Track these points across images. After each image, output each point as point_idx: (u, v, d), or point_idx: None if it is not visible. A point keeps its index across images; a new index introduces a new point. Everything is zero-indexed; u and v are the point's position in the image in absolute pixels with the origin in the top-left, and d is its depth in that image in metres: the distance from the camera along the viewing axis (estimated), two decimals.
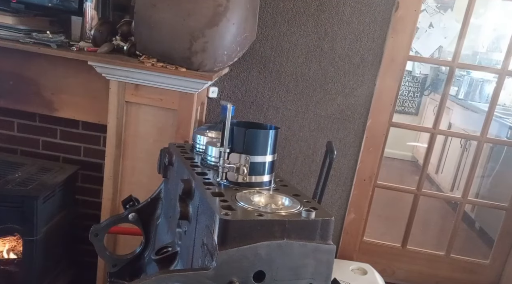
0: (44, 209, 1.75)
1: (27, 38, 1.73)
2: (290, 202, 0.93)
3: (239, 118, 2.25)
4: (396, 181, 3.08)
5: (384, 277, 2.26)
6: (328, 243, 0.87)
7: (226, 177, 0.99)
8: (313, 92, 2.23)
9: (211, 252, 0.82)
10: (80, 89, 1.85)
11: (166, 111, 1.76)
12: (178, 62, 1.68)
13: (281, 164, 2.32)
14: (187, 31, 1.62)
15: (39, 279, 1.82)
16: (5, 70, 1.83)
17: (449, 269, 2.54)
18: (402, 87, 5.13)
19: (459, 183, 3.82)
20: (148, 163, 1.80)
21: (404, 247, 2.53)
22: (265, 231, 0.82)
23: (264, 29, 2.17)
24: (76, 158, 2.12)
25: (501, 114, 3.63)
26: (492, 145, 3.37)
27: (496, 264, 2.54)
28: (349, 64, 2.19)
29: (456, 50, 2.28)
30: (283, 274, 0.84)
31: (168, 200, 1.28)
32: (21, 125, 2.08)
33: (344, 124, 2.27)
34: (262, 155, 1.00)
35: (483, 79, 4.38)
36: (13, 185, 1.74)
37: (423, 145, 4.55)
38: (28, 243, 1.73)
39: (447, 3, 4.94)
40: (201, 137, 1.23)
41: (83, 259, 2.11)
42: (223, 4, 1.63)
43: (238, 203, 0.88)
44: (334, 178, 2.33)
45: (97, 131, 2.05)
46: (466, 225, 3.47)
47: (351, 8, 2.12)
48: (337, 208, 2.38)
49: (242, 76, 2.23)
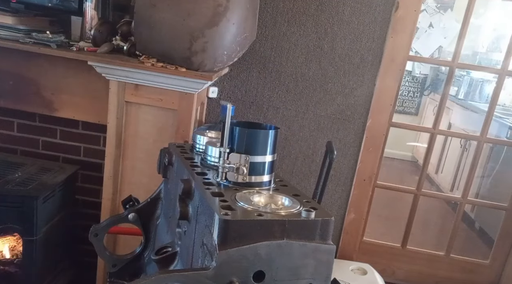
0: (44, 209, 1.76)
1: (27, 38, 1.73)
2: (290, 202, 0.93)
3: (239, 118, 2.25)
4: (396, 181, 3.08)
5: (384, 277, 2.26)
6: (328, 243, 0.87)
7: (226, 177, 0.99)
8: (313, 92, 2.23)
9: (211, 252, 0.83)
10: (80, 89, 1.86)
11: (166, 111, 1.76)
12: (178, 62, 1.68)
13: (281, 164, 2.32)
14: (187, 31, 1.62)
15: (39, 279, 1.82)
16: (5, 70, 1.83)
17: (449, 269, 2.54)
18: (402, 87, 5.13)
19: (459, 183, 3.81)
20: (148, 163, 1.80)
21: (404, 247, 2.53)
22: (265, 231, 0.82)
23: (264, 29, 2.17)
24: (76, 158, 2.12)
25: (501, 114, 3.63)
26: (492, 145, 3.37)
27: (496, 264, 2.54)
28: (349, 64, 2.19)
29: (456, 50, 2.28)
30: (283, 274, 0.84)
31: (168, 200, 1.28)
32: (21, 125, 2.08)
33: (344, 124, 2.27)
34: (262, 155, 0.99)
35: (483, 79, 4.38)
36: (13, 185, 1.74)
37: (423, 145, 4.55)
38: (28, 243, 1.73)
39: (447, 3, 4.94)
40: (201, 137, 1.23)
41: (83, 259, 2.11)
42: (223, 4, 1.63)
43: (238, 203, 0.88)
44: (334, 178, 2.33)
45: (97, 131, 2.05)
46: (466, 225, 3.47)
47: (351, 8, 2.12)
48: (337, 208, 2.38)
49: (242, 76, 2.23)
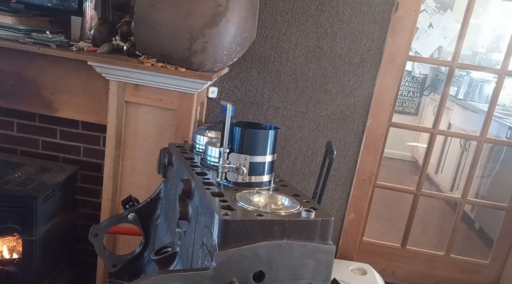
0: (44, 209, 1.75)
1: (27, 38, 1.73)
2: (290, 202, 0.93)
3: (239, 118, 2.25)
4: (396, 181, 3.09)
5: (384, 277, 2.26)
6: (327, 243, 0.87)
7: (225, 177, 0.99)
8: (313, 92, 2.23)
9: (211, 252, 0.83)
10: (79, 89, 1.85)
11: (166, 111, 1.76)
12: (177, 62, 1.68)
13: (280, 164, 2.32)
14: (186, 31, 1.62)
15: (39, 279, 1.81)
16: (5, 70, 1.83)
17: (449, 269, 2.54)
18: (402, 87, 5.13)
19: (458, 183, 3.82)
20: (148, 163, 1.80)
21: (404, 247, 2.53)
22: (265, 231, 0.82)
23: (264, 29, 2.17)
24: (75, 158, 2.12)
25: (500, 114, 3.63)
26: (491, 145, 3.37)
27: (496, 264, 2.54)
28: (349, 64, 2.19)
29: (456, 50, 2.28)
30: (283, 274, 0.84)
31: (168, 200, 1.28)
32: (20, 125, 2.08)
33: (343, 124, 2.27)
34: (262, 155, 1.00)
35: (483, 79, 4.38)
36: (12, 185, 1.74)
37: (423, 145, 4.56)
38: (27, 243, 1.73)
39: (446, 3, 4.95)
40: (201, 137, 1.23)
41: (83, 259, 2.11)
42: (223, 4, 1.63)
43: (237, 203, 0.88)
44: (334, 178, 2.33)
45: (97, 131, 2.05)
46: (465, 225, 3.47)
47: (350, 8, 2.12)
48: (337, 208, 2.38)
49: (242, 76, 2.23)
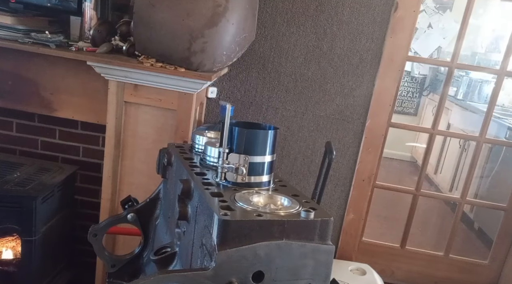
0: (43, 210, 1.75)
1: (26, 38, 1.73)
2: (289, 203, 0.93)
3: (238, 118, 2.25)
4: (395, 182, 3.08)
5: (383, 277, 2.26)
6: (327, 243, 0.87)
7: (225, 177, 0.99)
8: (312, 93, 2.23)
9: (210, 253, 0.82)
10: (79, 89, 1.85)
11: (165, 111, 1.76)
12: (177, 62, 1.68)
13: (280, 165, 2.32)
14: (186, 31, 1.62)
15: (38, 280, 1.81)
16: (4, 70, 1.83)
17: (448, 269, 2.54)
18: (401, 87, 5.14)
19: (458, 183, 3.82)
20: (147, 163, 1.80)
21: (403, 248, 2.53)
22: (264, 232, 0.82)
23: (263, 30, 2.17)
24: (75, 158, 2.11)
25: (499, 114, 3.63)
26: (490, 145, 3.37)
27: (495, 264, 2.54)
28: (348, 65, 2.19)
29: (455, 50, 2.28)
30: (282, 275, 0.84)
31: (167, 200, 1.28)
32: (20, 125, 2.08)
33: (343, 124, 2.27)
34: (261, 156, 1.00)
35: (482, 80, 4.38)
36: (11, 185, 1.74)
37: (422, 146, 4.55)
38: (26, 244, 1.73)
39: (446, 4, 4.95)
40: (200, 137, 1.23)
41: (82, 259, 2.11)
42: (222, 5, 1.63)
43: (237, 204, 0.88)
44: (333, 178, 2.33)
45: (96, 131, 2.05)
46: (465, 226, 3.47)
47: (350, 8, 2.13)
48: (336, 208, 2.38)
49: (241, 76, 2.23)
